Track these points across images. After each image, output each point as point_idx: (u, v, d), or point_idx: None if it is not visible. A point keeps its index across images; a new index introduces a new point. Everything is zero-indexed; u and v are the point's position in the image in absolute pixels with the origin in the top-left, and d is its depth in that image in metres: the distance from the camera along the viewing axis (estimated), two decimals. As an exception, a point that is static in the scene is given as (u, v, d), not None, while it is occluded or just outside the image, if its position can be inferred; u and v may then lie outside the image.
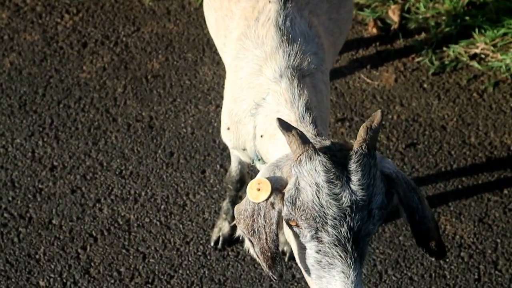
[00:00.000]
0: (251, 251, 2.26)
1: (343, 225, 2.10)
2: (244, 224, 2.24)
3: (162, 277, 3.52)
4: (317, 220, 2.10)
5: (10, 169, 3.85)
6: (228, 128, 2.84)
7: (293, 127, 2.19)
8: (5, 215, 3.69)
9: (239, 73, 2.74)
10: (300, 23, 2.75)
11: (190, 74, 4.21)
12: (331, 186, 2.10)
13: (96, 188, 3.78)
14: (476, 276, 3.49)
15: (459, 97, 4.10)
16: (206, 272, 3.53)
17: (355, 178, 2.12)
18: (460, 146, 3.90)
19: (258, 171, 2.95)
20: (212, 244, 3.59)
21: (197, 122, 4.00)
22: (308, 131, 2.41)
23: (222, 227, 3.59)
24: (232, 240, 3.56)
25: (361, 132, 2.18)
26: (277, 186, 2.18)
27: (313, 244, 2.15)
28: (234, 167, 3.41)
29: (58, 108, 4.08)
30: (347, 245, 2.10)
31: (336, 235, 2.10)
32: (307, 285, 2.30)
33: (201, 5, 4.53)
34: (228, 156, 3.72)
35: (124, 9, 4.56)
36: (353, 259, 2.11)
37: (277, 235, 2.19)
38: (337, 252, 2.11)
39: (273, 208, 2.19)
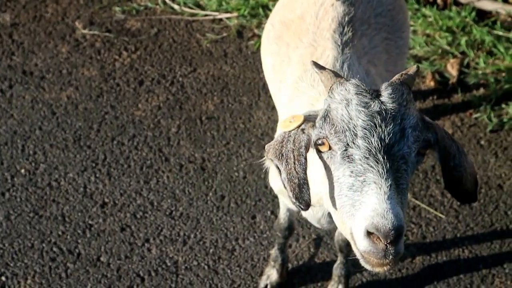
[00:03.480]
0: (280, 178, 2.17)
1: (373, 135, 2.00)
2: (273, 151, 2.20)
3: (207, 322, 3.47)
4: (347, 134, 2.02)
5: (61, 203, 3.86)
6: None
7: (325, 68, 2.19)
8: (54, 249, 3.69)
9: None
10: (358, 69, 2.76)
11: (245, 117, 4.20)
12: (360, 97, 2.06)
13: (145, 227, 3.76)
14: None
15: (517, 156, 4.03)
16: (252, 320, 3.48)
17: (385, 93, 2.08)
18: (517, 206, 3.82)
19: (305, 219, 2.90)
20: (259, 291, 3.54)
21: (250, 166, 3.97)
22: None
23: (271, 274, 3.54)
24: (280, 289, 3.52)
25: (396, 76, 2.16)
26: (309, 118, 2.17)
27: (345, 166, 2.03)
28: (282, 214, 3.37)
29: (112, 144, 4.10)
30: (379, 155, 1.98)
31: (366, 147, 1.99)
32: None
33: (258, 49, 4.54)
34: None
35: (181, 49, 4.58)
36: (385, 169, 1.96)
37: (305, 158, 2.12)
38: (368, 164, 1.97)
39: (303, 133, 2.15)
